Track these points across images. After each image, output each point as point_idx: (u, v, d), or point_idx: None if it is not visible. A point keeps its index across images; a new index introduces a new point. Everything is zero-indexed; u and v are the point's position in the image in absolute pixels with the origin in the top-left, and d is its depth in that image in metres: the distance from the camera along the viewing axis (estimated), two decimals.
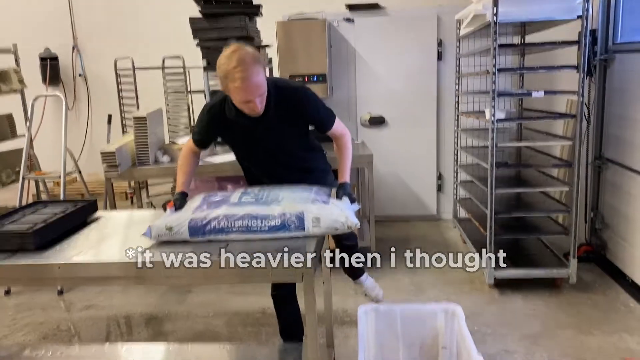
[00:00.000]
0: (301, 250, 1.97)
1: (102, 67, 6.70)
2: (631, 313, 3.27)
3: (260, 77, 2.18)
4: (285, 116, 2.38)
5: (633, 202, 3.50)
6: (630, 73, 3.52)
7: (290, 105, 2.37)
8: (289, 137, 2.50)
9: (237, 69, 2.12)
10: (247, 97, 2.19)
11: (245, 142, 2.50)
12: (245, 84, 2.14)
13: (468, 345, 2.25)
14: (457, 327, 2.47)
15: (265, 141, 2.47)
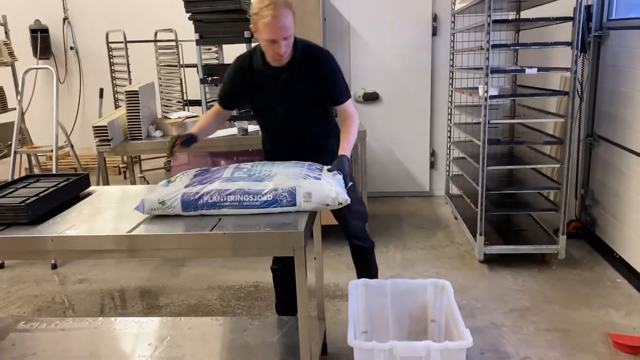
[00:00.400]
0: (293, 224, 1.99)
1: (94, 40, 6.62)
2: (618, 289, 3.33)
3: (288, 21, 2.26)
4: (308, 74, 2.43)
5: (623, 180, 3.53)
6: (623, 49, 3.52)
7: (314, 64, 2.43)
8: (307, 101, 2.51)
9: (269, 7, 2.22)
10: (273, 35, 2.25)
11: (265, 99, 2.53)
12: (273, 21, 2.22)
13: (456, 319, 2.29)
14: (446, 301, 2.52)
15: (285, 101, 2.49)
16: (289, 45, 2.34)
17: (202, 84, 4.74)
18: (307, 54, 2.43)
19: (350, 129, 2.51)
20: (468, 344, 2.07)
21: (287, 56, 2.38)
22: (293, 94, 2.47)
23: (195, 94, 5.99)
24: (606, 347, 2.73)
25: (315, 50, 2.49)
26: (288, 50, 2.34)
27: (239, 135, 3.92)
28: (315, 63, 2.44)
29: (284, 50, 2.31)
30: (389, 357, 2.08)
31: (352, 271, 3.67)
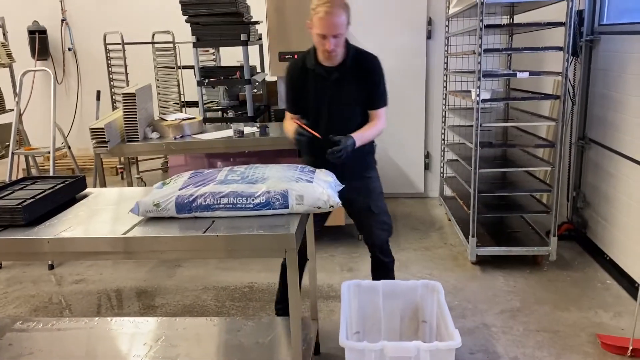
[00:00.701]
0: (285, 227, 2.04)
1: (92, 42, 6.66)
2: (607, 290, 3.38)
3: (340, 20, 2.39)
4: (357, 76, 2.56)
5: (613, 183, 3.58)
6: (614, 54, 3.57)
7: (364, 66, 2.57)
8: (354, 101, 2.60)
9: (326, 4, 2.37)
10: (324, 30, 2.39)
11: (316, 97, 2.61)
12: (326, 17, 2.36)
13: (446, 320, 2.33)
14: (437, 302, 2.56)
15: (333, 100, 2.58)
16: (338, 44, 2.45)
17: (199, 86, 4.79)
18: (359, 57, 2.57)
19: (373, 128, 2.62)
20: (457, 344, 2.11)
21: (339, 57, 2.52)
22: (341, 94, 2.58)
23: (192, 95, 6.04)
24: (594, 347, 2.77)
25: (367, 55, 2.61)
26: (337, 49, 2.46)
27: (235, 137, 3.96)
28: (365, 66, 2.57)
29: (332, 48, 2.43)
30: (380, 357, 2.12)
31: (345, 272, 3.74)
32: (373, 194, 2.75)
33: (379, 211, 2.75)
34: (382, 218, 2.76)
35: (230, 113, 5.00)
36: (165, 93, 5.98)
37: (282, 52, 4.75)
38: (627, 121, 3.39)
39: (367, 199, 2.73)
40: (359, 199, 2.73)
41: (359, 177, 2.72)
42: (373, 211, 2.74)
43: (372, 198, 2.74)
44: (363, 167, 2.74)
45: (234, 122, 4.61)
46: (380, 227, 2.77)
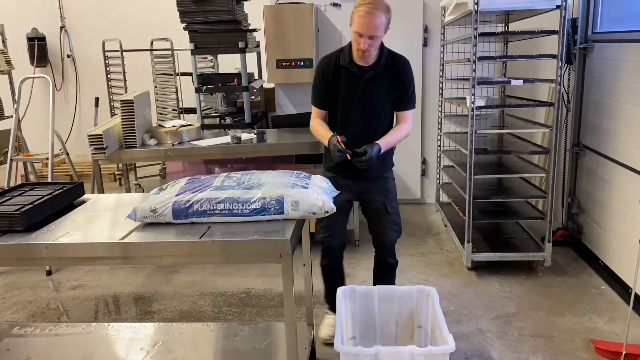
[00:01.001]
0: (280, 232, 2.06)
1: (90, 48, 6.71)
2: (602, 296, 3.40)
3: (379, 22, 2.45)
4: (389, 77, 2.64)
5: (607, 189, 3.61)
6: (607, 62, 3.61)
7: (396, 68, 2.65)
8: (384, 101, 2.69)
9: (368, 4, 2.44)
10: (361, 29, 2.45)
11: (347, 95, 2.67)
12: (365, 16, 2.43)
13: (440, 325, 2.35)
14: (432, 307, 2.58)
15: (364, 99, 2.65)
16: (373, 45, 2.51)
17: (197, 92, 4.82)
18: (391, 59, 2.65)
19: (399, 131, 2.73)
20: (451, 348, 2.13)
21: (372, 57, 2.60)
22: (372, 93, 2.65)
23: (190, 102, 6.07)
24: (588, 352, 2.80)
25: (400, 58, 2.70)
26: (371, 50, 2.52)
27: (233, 144, 3.98)
28: (397, 68, 2.65)
29: (366, 47, 2.48)
30: None
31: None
32: (389, 194, 2.82)
33: (393, 211, 2.82)
34: (394, 218, 2.82)
35: (228, 120, 5.02)
36: (163, 100, 6.01)
37: (279, 60, 4.80)
38: (620, 128, 3.42)
39: (384, 199, 2.80)
40: (376, 198, 2.80)
41: (377, 177, 2.80)
42: (388, 211, 2.79)
43: (389, 198, 2.81)
44: (382, 167, 2.81)
45: (231, 128, 4.64)
46: (392, 227, 2.82)
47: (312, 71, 4.80)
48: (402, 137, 2.75)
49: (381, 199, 2.80)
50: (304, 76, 4.83)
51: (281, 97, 5.17)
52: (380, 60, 2.62)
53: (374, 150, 2.55)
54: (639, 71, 3.19)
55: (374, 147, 2.56)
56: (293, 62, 4.81)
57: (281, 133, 4.50)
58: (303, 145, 4.09)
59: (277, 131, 4.63)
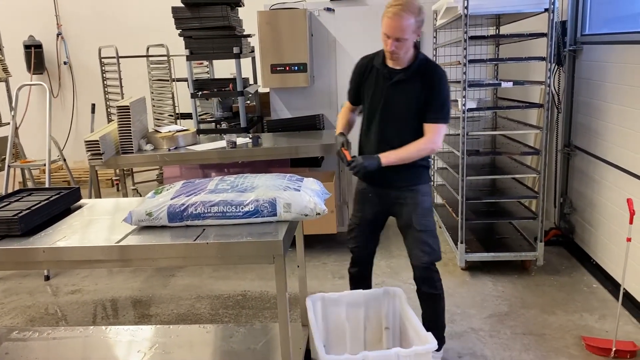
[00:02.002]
0: (273, 234, 2.11)
1: (87, 55, 6.76)
2: (593, 294, 3.45)
3: (406, 24, 2.37)
4: (419, 83, 2.50)
5: (597, 189, 3.66)
6: (596, 64, 3.66)
7: (427, 76, 2.50)
8: (409, 107, 2.52)
9: (397, 6, 2.38)
10: (387, 31, 2.40)
11: (374, 96, 2.59)
12: (393, 17, 2.37)
13: (414, 325, 2.38)
14: (400, 308, 2.60)
15: (390, 101, 2.55)
16: (401, 48, 2.42)
17: (192, 98, 4.87)
18: (425, 66, 2.53)
19: (414, 145, 2.50)
20: (433, 346, 2.17)
21: (404, 61, 2.50)
22: (397, 97, 2.54)
23: (186, 107, 6.12)
24: (579, 349, 2.84)
25: (435, 67, 2.57)
26: (399, 52, 2.44)
27: (228, 148, 4.03)
28: (429, 76, 2.50)
29: (392, 49, 2.42)
30: None
31: (337, 279, 3.80)
32: (419, 208, 2.58)
33: (422, 229, 2.57)
34: (424, 238, 2.57)
35: (223, 124, 5.08)
36: (159, 105, 6.06)
37: (274, 65, 4.85)
38: (608, 128, 3.48)
39: (411, 213, 2.59)
40: (403, 211, 2.62)
41: (406, 188, 2.61)
42: (415, 227, 2.58)
43: (417, 213, 2.58)
44: (410, 178, 2.60)
45: (227, 133, 4.69)
46: (421, 247, 2.58)
47: (306, 76, 4.86)
48: (417, 152, 2.51)
49: (408, 213, 2.59)
50: (299, 80, 4.89)
51: (276, 101, 5.23)
52: (413, 64, 2.51)
53: (366, 161, 2.46)
54: (626, 72, 3.25)
55: (368, 159, 2.48)
56: (287, 66, 4.86)
57: (276, 137, 4.55)
58: (298, 149, 4.14)
59: (273, 135, 4.68)
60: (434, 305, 2.68)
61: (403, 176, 2.58)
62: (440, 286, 2.66)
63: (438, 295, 2.66)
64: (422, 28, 2.50)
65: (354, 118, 2.85)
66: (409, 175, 2.59)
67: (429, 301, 2.67)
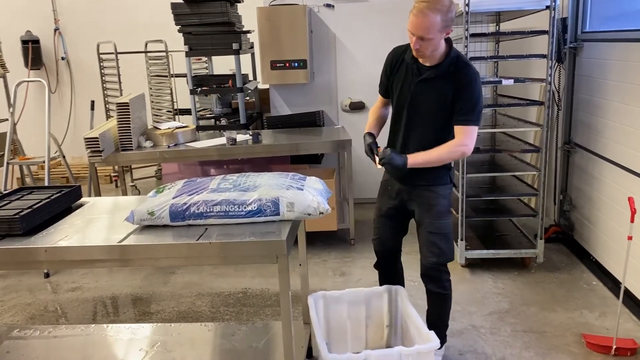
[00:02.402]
0: (276, 233, 2.10)
1: (85, 51, 6.72)
2: (593, 291, 3.46)
3: (431, 22, 2.23)
4: (448, 81, 2.38)
5: (597, 186, 3.67)
6: (596, 61, 3.66)
7: (459, 75, 2.38)
8: (436, 105, 2.43)
9: (422, 3, 2.25)
10: (411, 29, 2.29)
11: (402, 91, 2.51)
12: (416, 15, 2.26)
13: (416, 323, 2.39)
14: (401, 306, 2.62)
15: (416, 98, 2.46)
16: (427, 47, 2.31)
17: (192, 94, 4.86)
18: (457, 65, 2.39)
19: (445, 148, 2.40)
20: (435, 345, 2.19)
21: (435, 58, 2.38)
22: (426, 94, 2.44)
23: (185, 103, 6.10)
24: (580, 347, 2.85)
25: (466, 65, 2.41)
26: (425, 51, 2.33)
27: (228, 145, 4.02)
28: (460, 75, 2.38)
29: (417, 47, 2.32)
30: None
31: (338, 276, 3.80)
32: (433, 209, 2.52)
33: (433, 230, 2.52)
34: (434, 239, 2.53)
35: (223, 121, 5.06)
36: (158, 101, 6.04)
37: (273, 61, 4.84)
38: (608, 126, 3.48)
39: (425, 213, 2.54)
40: (417, 211, 2.58)
41: (424, 187, 2.54)
42: (426, 228, 2.54)
43: (431, 213, 2.52)
44: (429, 177, 2.51)
45: (226, 129, 4.68)
46: (430, 248, 2.54)
47: (306, 72, 4.85)
48: (448, 155, 2.42)
49: (422, 213, 2.55)
50: (299, 77, 4.87)
51: (276, 98, 5.22)
52: (443, 62, 2.38)
53: (395, 157, 2.38)
54: (627, 70, 3.25)
55: (398, 156, 2.39)
56: (287, 63, 4.85)
57: (276, 134, 4.54)
58: (298, 146, 4.14)
59: (273, 132, 4.67)
60: (439, 304, 2.66)
61: (422, 175, 2.50)
62: (449, 286, 2.63)
63: (445, 295, 2.63)
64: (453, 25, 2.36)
65: (386, 114, 2.74)
66: (428, 175, 2.50)
67: (436, 300, 2.65)
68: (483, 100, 2.47)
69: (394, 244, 2.75)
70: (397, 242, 2.76)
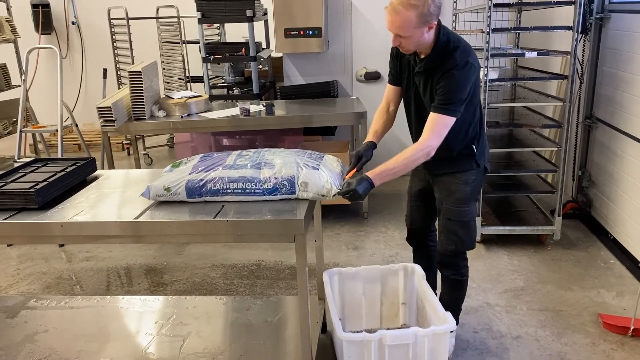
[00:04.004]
0: (293, 212, 2.07)
1: (96, 15, 6.63)
2: (610, 270, 3.42)
3: (405, 19, 2.11)
4: (437, 70, 2.25)
5: (618, 163, 3.59)
6: (624, 33, 3.53)
7: (444, 62, 2.21)
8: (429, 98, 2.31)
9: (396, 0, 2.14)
10: (387, 26, 2.19)
11: (406, 86, 2.45)
12: (390, 13, 2.16)
13: (433, 303, 2.37)
14: (417, 284, 2.61)
15: (415, 95, 2.40)
16: (407, 43, 2.20)
17: (204, 62, 4.77)
18: (444, 54, 2.22)
19: (403, 157, 2.23)
20: (452, 326, 2.17)
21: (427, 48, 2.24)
22: (423, 85, 2.33)
23: (197, 70, 6.02)
24: (596, 327, 2.83)
25: (453, 50, 2.21)
26: (405, 47, 2.23)
27: (241, 116, 3.96)
28: (446, 62, 2.20)
29: (397, 44, 2.23)
30: (379, 347, 2.16)
31: (351, 250, 3.79)
32: (452, 195, 2.42)
33: (451, 217, 2.43)
34: (453, 227, 2.44)
35: (235, 90, 4.99)
36: (169, 69, 5.96)
37: (287, 29, 4.72)
38: (634, 101, 3.37)
39: (443, 199, 2.46)
40: (437, 196, 2.50)
41: (445, 173, 2.44)
42: (445, 215, 2.45)
43: (450, 199, 2.42)
44: (446, 165, 2.42)
45: (239, 99, 4.61)
46: (448, 235, 2.45)
47: (320, 40, 4.73)
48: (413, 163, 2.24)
49: (441, 198, 2.47)
50: (313, 45, 4.77)
51: (289, 67, 5.12)
52: (431, 53, 2.24)
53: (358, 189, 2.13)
54: None
55: (360, 186, 2.14)
56: (302, 31, 4.74)
57: (289, 105, 4.47)
58: (312, 118, 4.07)
59: (286, 103, 4.60)
60: (456, 290, 2.61)
61: (441, 164, 2.41)
62: (466, 272, 2.56)
63: (462, 281, 2.57)
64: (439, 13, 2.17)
65: (393, 116, 2.59)
66: (448, 163, 2.41)
67: (452, 285, 2.58)
68: (471, 88, 2.24)
69: (423, 224, 2.72)
70: (427, 222, 2.72)
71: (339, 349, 2.30)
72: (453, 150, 2.38)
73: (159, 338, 2.60)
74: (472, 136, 2.40)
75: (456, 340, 2.70)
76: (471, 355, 2.65)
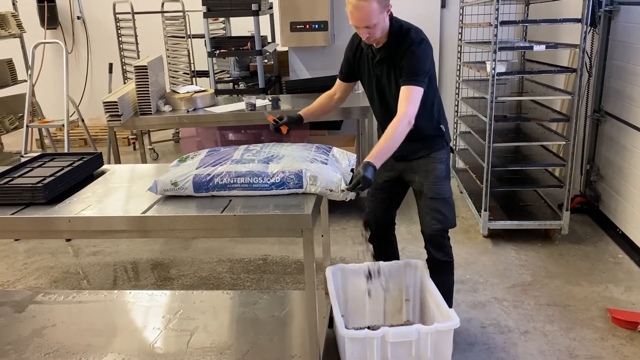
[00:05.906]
0: (301, 207, 2.06)
1: (101, 10, 6.61)
2: (619, 265, 3.39)
3: (370, 9, 2.21)
4: (395, 56, 2.35)
5: (628, 156, 3.56)
6: (633, 26, 3.49)
7: (402, 45, 2.34)
8: (394, 83, 2.39)
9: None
10: (354, 22, 2.28)
11: (366, 78, 2.52)
12: (354, 8, 2.24)
13: (437, 300, 2.36)
14: (420, 280, 2.59)
15: (377, 82, 2.46)
16: (374, 33, 2.29)
17: (209, 57, 4.76)
18: (400, 37, 2.34)
19: (390, 132, 2.24)
20: (456, 324, 2.15)
21: (381, 39, 2.36)
22: (386, 76, 2.42)
23: (202, 64, 6.01)
24: (604, 322, 2.81)
25: (407, 32, 2.36)
26: (373, 36, 2.31)
27: (247, 111, 3.95)
28: (402, 44, 2.33)
29: (367, 37, 2.30)
30: (381, 344, 2.15)
31: (357, 245, 3.78)
32: (431, 175, 2.47)
33: (434, 196, 2.46)
34: (436, 205, 2.47)
35: (241, 84, 4.98)
36: (175, 63, 5.95)
37: (293, 22, 4.69)
38: None
39: (423, 180, 2.49)
40: (415, 179, 2.53)
41: (419, 156, 2.50)
42: (427, 195, 2.48)
43: (429, 180, 2.47)
44: (423, 147, 2.49)
45: (245, 94, 4.59)
46: (433, 214, 2.47)
47: (326, 34, 4.71)
48: (400, 136, 2.24)
49: (420, 181, 2.50)
50: (318, 39, 4.74)
51: (295, 61, 5.09)
52: (390, 40, 2.36)
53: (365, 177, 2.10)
54: None
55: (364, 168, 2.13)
56: (307, 25, 4.70)
57: (295, 99, 4.45)
58: None
59: (291, 97, 4.58)
60: (447, 273, 2.60)
61: (414, 148, 2.47)
62: (451, 253, 2.58)
63: (451, 262, 2.59)
64: None
65: (336, 105, 2.74)
66: (420, 146, 2.48)
67: (442, 268, 2.56)
68: (430, 64, 2.37)
69: (388, 217, 2.75)
70: (391, 214, 2.76)
71: (341, 346, 2.29)
72: (424, 130, 2.45)
73: (166, 332, 2.60)
74: (439, 116, 2.53)
75: (463, 336, 2.69)
76: (479, 350, 2.64)
